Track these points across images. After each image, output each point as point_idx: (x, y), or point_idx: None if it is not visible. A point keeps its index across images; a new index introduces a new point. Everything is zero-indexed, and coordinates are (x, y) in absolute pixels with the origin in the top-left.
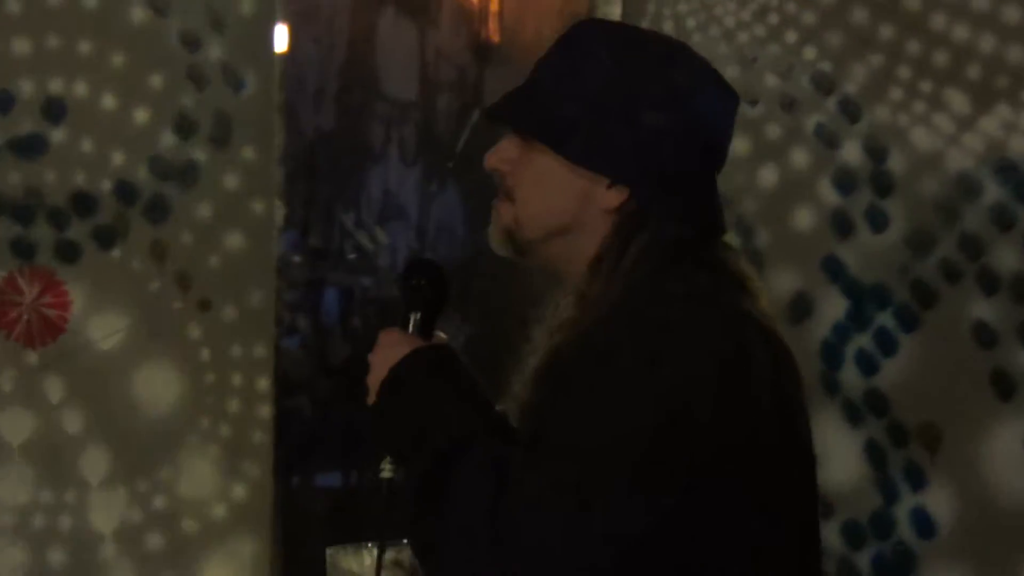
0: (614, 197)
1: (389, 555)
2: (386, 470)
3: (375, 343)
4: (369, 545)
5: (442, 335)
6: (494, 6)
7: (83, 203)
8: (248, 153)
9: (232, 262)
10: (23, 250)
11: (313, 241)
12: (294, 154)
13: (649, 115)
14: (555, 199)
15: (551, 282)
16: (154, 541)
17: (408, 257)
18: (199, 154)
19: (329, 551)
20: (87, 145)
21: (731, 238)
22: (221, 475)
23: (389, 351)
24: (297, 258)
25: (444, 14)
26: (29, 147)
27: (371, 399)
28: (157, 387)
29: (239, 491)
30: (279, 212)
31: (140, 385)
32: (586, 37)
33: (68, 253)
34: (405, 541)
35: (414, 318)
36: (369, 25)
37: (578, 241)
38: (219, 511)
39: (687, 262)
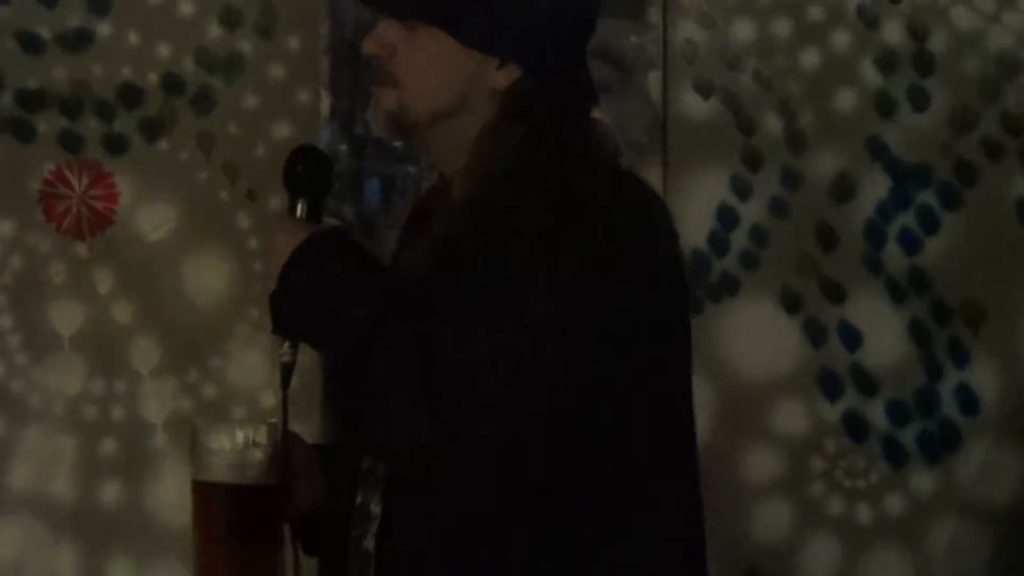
0: (504, 77)
1: (248, 435)
2: (286, 354)
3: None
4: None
5: (332, 220)
6: None
7: (130, 95)
8: (293, 43)
9: (279, 152)
10: (71, 143)
11: (358, 130)
12: (340, 42)
13: None
14: (443, 82)
15: None
16: None
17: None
18: (245, 45)
19: (199, 426)
20: (133, 38)
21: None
22: (270, 364)
23: (286, 236)
24: (344, 147)
25: None
26: (75, 41)
27: (270, 284)
28: (206, 277)
29: None
30: (325, 102)
31: (189, 275)
32: None
33: (115, 145)
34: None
35: (301, 205)
36: None
37: (465, 121)
38: (269, 399)
39: (570, 130)
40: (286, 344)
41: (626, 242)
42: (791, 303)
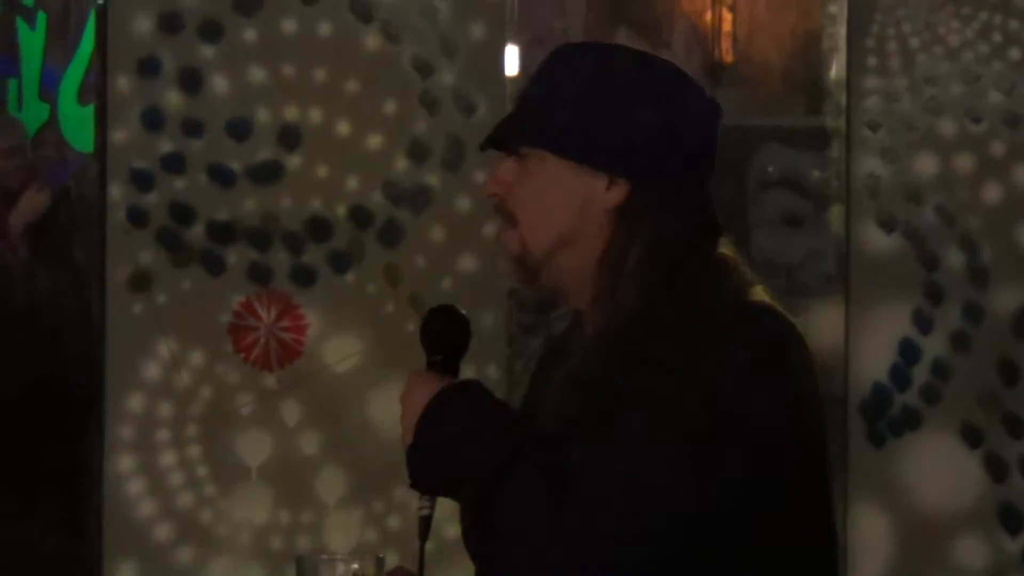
0: (614, 195)
1: (355, 569)
2: (424, 508)
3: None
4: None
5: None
6: (727, 26)
7: (318, 228)
8: (480, 176)
9: (464, 285)
10: (260, 275)
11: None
12: None
13: (639, 112)
14: (557, 208)
15: None
16: (391, 561)
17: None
18: (431, 178)
19: (303, 557)
20: (322, 171)
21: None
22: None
23: (419, 389)
24: None
25: (677, 34)
26: (266, 173)
27: (407, 439)
28: (391, 410)
29: None
30: None
31: (374, 407)
32: (566, 55)
33: (304, 277)
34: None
35: (436, 359)
36: None
37: (583, 248)
38: (453, 531)
39: (696, 260)
40: (424, 496)
41: (759, 377)
42: (972, 437)
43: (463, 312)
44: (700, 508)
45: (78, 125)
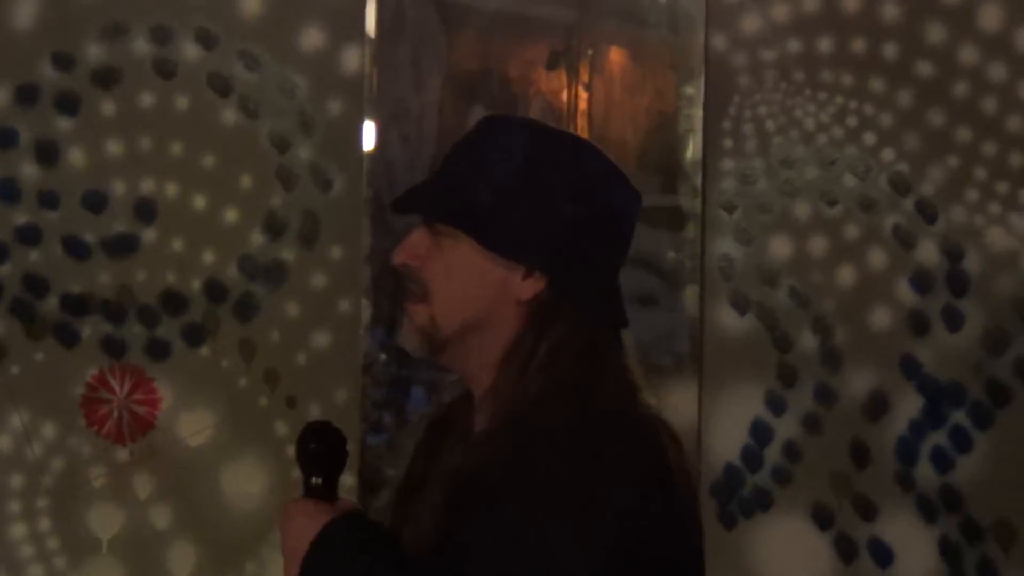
0: (530, 287)
1: None
2: None
3: (283, 513)
4: None
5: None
6: (583, 105)
7: (173, 301)
8: (336, 252)
9: (319, 360)
10: (114, 348)
11: (399, 339)
12: (382, 252)
13: (563, 204)
14: (471, 290)
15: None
16: None
17: (305, 424)
18: (287, 253)
19: None
20: (178, 244)
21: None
22: None
23: (303, 522)
24: (383, 356)
25: (532, 112)
26: (121, 246)
27: (292, 572)
28: (244, 483)
29: None
30: (366, 311)
31: (227, 481)
32: (494, 130)
33: (158, 351)
34: None
35: (315, 482)
36: (458, 123)
37: (490, 336)
38: None
39: (596, 364)
40: None
41: (645, 497)
42: (823, 519)
43: (338, 428)
44: None
45: None
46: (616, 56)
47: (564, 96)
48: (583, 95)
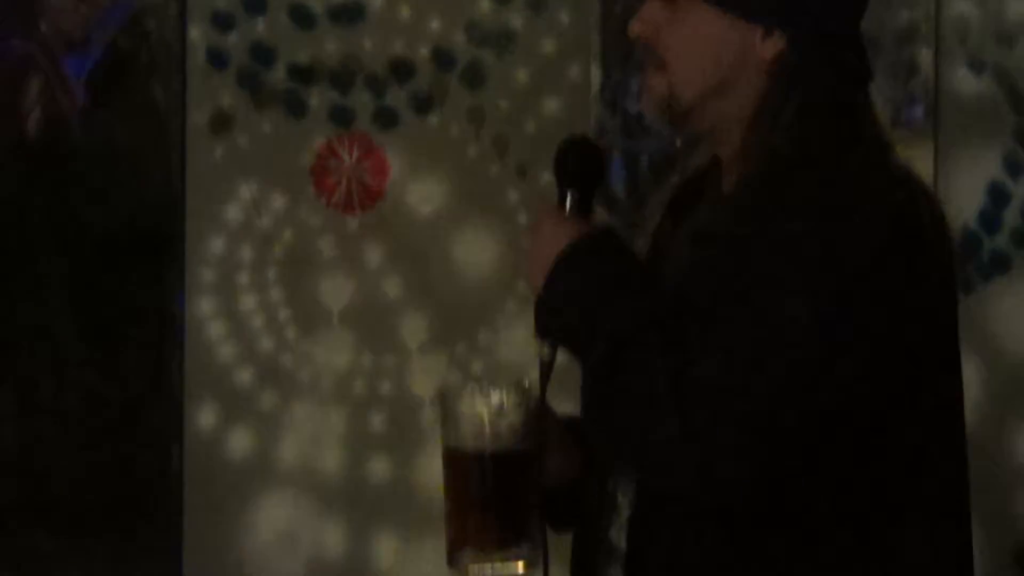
0: (770, 47)
1: (501, 399)
2: (545, 354)
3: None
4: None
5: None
6: None
7: (400, 70)
8: (565, 17)
9: (549, 127)
10: (342, 117)
11: (628, 106)
12: (612, 17)
13: None
14: (709, 56)
15: None
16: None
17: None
18: (516, 19)
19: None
20: (404, 12)
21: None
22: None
23: (553, 231)
24: (616, 122)
25: None
26: (348, 14)
27: (534, 282)
28: (475, 252)
29: None
30: (596, 77)
31: (458, 250)
32: None
33: (386, 120)
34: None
35: (571, 196)
36: None
37: (734, 100)
38: (536, 374)
39: (845, 121)
40: (546, 343)
41: (891, 253)
42: None
43: (597, 144)
44: (823, 398)
45: None
46: None
47: None
48: None
